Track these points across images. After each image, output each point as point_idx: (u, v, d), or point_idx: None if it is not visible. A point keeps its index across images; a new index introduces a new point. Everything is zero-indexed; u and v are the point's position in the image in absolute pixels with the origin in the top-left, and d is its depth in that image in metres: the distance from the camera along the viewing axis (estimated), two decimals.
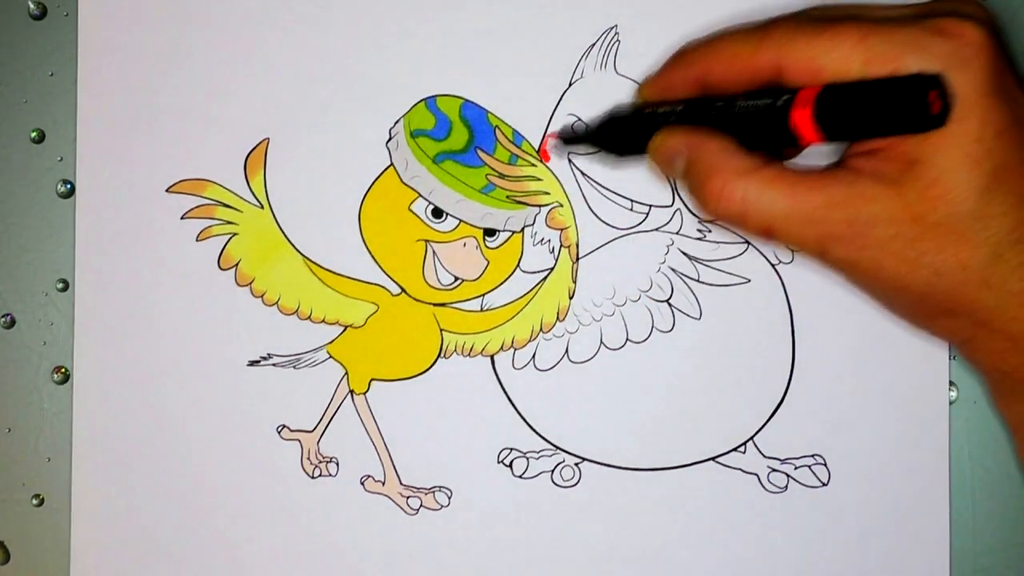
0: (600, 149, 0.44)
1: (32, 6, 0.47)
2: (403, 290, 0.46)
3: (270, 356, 0.46)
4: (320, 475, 0.46)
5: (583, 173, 0.46)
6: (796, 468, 0.46)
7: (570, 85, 0.46)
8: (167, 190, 0.46)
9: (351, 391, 0.46)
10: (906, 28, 0.34)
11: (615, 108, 0.44)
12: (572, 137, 0.45)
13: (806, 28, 0.35)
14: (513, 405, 0.46)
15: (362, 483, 0.46)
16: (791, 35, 0.36)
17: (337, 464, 0.46)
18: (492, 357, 0.46)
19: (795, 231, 0.36)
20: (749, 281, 0.46)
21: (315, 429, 0.46)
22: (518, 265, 0.46)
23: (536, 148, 0.46)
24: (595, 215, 0.46)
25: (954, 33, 0.34)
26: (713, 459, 0.46)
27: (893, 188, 0.35)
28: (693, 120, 0.38)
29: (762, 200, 0.36)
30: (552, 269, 0.46)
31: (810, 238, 0.36)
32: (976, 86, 0.34)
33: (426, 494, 0.46)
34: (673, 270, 0.46)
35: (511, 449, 0.46)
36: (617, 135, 0.42)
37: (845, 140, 0.36)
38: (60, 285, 0.47)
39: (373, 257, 0.46)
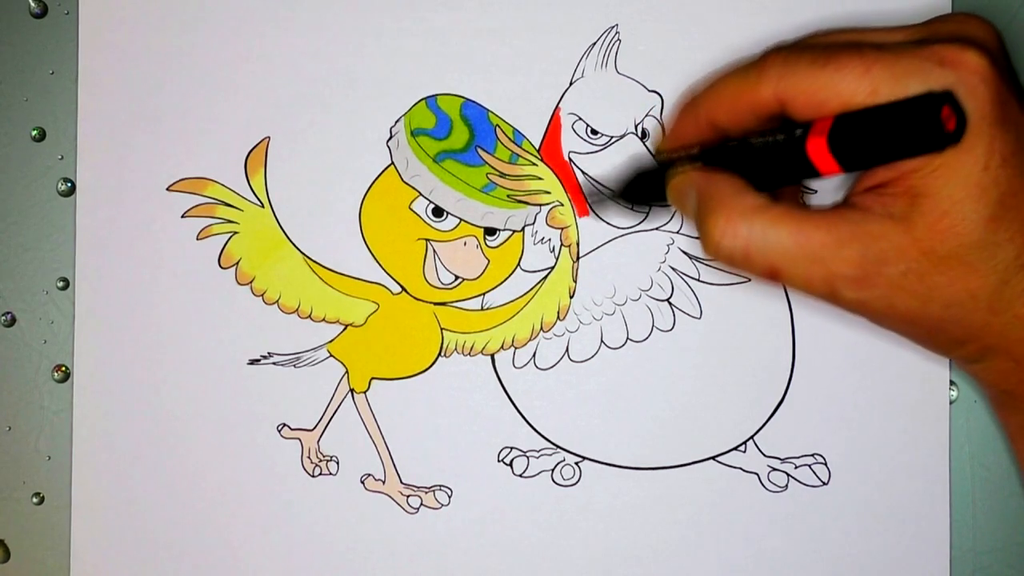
0: (628, 204, 0.44)
1: (33, 4, 0.47)
2: (403, 289, 0.46)
3: (270, 355, 0.46)
4: (320, 474, 0.46)
5: (583, 173, 0.46)
6: (796, 467, 0.46)
7: (571, 84, 0.46)
8: (167, 189, 0.46)
9: (351, 390, 0.46)
10: (909, 57, 0.34)
11: (638, 165, 0.44)
12: (599, 197, 0.45)
13: (806, 60, 0.35)
14: (513, 404, 0.46)
15: (362, 482, 0.46)
16: (791, 68, 0.35)
17: (337, 463, 0.46)
18: (492, 356, 0.46)
19: (801, 271, 0.35)
20: (749, 281, 0.46)
21: (315, 428, 0.46)
22: (518, 264, 0.46)
23: (536, 147, 0.46)
24: (596, 214, 0.46)
25: (957, 62, 0.34)
26: (713, 458, 0.46)
27: (902, 224, 0.34)
28: (709, 162, 0.38)
29: (768, 238, 0.35)
30: (552, 268, 0.46)
31: (817, 278, 0.35)
32: (981, 115, 0.33)
33: (426, 493, 0.46)
34: (673, 269, 0.46)
35: (511, 448, 0.46)
36: (641, 189, 0.42)
37: (862, 168, 0.35)
38: (60, 283, 0.47)
39: (373, 256, 0.46)
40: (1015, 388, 0.37)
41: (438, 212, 0.46)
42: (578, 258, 0.46)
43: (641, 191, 0.43)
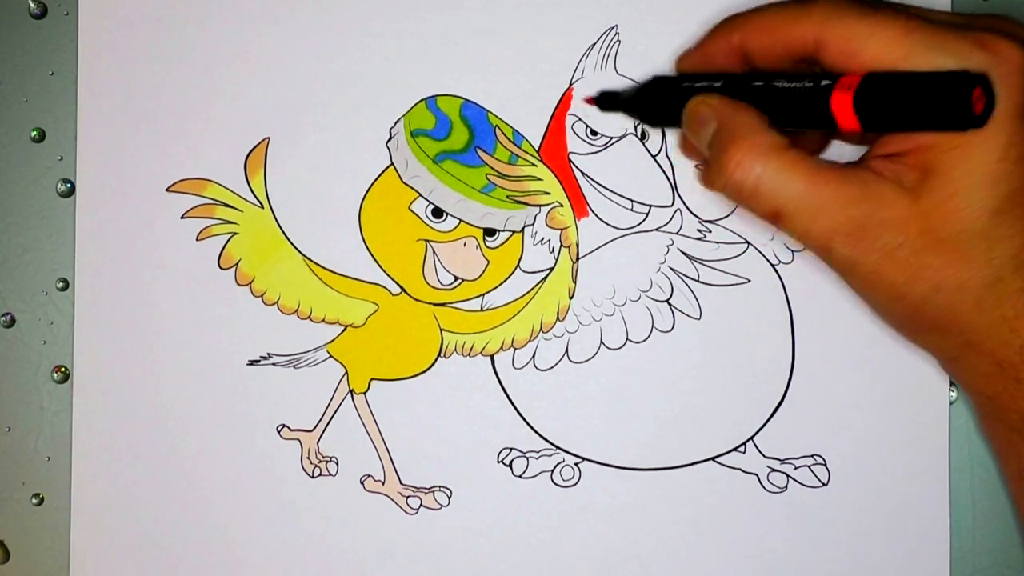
0: (634, 116, 0.44)
1: (33, 5, 0.47)
2: (403, 290, 0.46)
3: (270, 355, 0.46)
4: (320, 474, 0.46)
5: (583, 173, 0.46)
6: (796, 468, 0.46)
7: (570, 85, 0.46)
8: (167, 189, 0.46)
9: (351, 390, 0.46)
10: (950, 33, 0.34)
11: (655, 76, 0.44)
12: (608, 102, 0.44)
13: (852, 8, 0.35)
14: (513, 405, 0.46)
15: (362, 483, 0.46)
16: (836, 12, 0.35)
17: (337, 463, 0.46)
18: (492, 357, 0.46)
19: (804, 220, 0.35)
20: (749, 281, 0.46)
21: (315, 428, 0.46)
22: (518, 265, 0.46)
23: (536, 148, 0.46)
24: (595, 215, 0.46)
25: (995, 49, 0.34)
26: (713, 459, 0.46)
27: (909, 196, 0.34)
28: (731, 95, 0.38)
29: (778, 181, 0.35)
30: (552, 269, 0.46)
31: (817, 230, 0.35)
32: (1008, 106, 0.34)
33: (426, 494, 0.46)
34: (673, 270, 0.46)
35: (511, 449, 0.46)
36: (654, 103, 0.42)
37: (882, 131, 0.36)
38: (60, 284, 0.47)
39: (373, 257, 0.46)
40: (998, 395, 0.37)
41: (438, 213, 0.46)
42: (578, 259, 0.46)
43: (654, 103, 0.42)
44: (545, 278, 0.46)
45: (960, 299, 0.35)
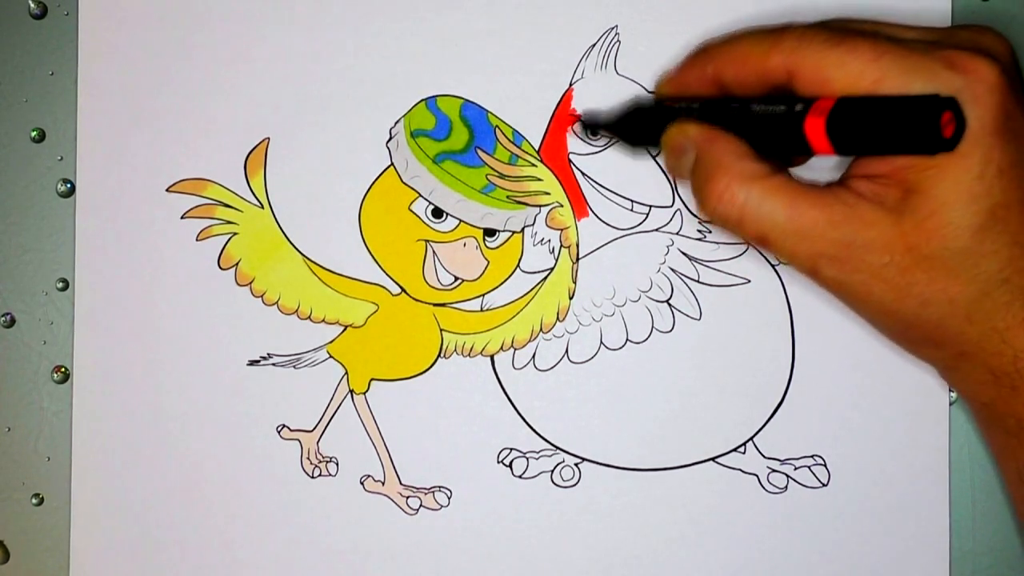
0: (616, 138, 0.44)
1: (32, 5, 0.47)
2: (403, 290, 0.46)
3: (270, 356, 0.46)
4: (320, 475, 0.46)
5: (583, 173, 0.46)
6: (796, 469, 0.46)
7: (570, 85, 0.46)
8: (167, 190, 0.46)
9: (351, 391, 0.46)
10: (920, 55, 0.34)
11: (637, 99, 0.44)
12: (592, 123, 0.45)
13: (821, 37, 0.35)
14: (513, 405, 0.46)
15: (362, 483, 0.46)
16: (806, 42, 0.36)
17: (337, 464, 0.46)
18: (492, 357, 0.46)
19: (789, 244, 0.36)
20: (749, 281, 0.46)
21: (315, 429, 0.46)
22: (518, 265, 0.46)
23: (536, 148, 0.46)
24: (595, 215, 0.46)
25: (967, 68, 0.34)
26: (713, 459, 0.46)
27: (892, 216, 0.35)
28: (709, 119, 0.38)
29: (762, 208, 0.36)
30: (552, 269, 0.46)
31: (803, 253, 0.36)
32: (983, 124, 0.34)
33: (426, 494, 0.46)
34: (673, 270, 0.46)
35: (511, 449, 0.46)
36: (636, 125, 0.42)
37: (855, 154, 0.36)
38: (60, 284, 0.46)
39: (373, 257, 0.46)
40: (994, 402, 0.37)
41: (438, 213, 0.46)
42: (578, 259, 0.46)
43: (635, 128, 0.42)
44: (545, 278, 0.46)
45: (951, 312, 0.35)
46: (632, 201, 0.46)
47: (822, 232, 0.35)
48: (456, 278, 0.46)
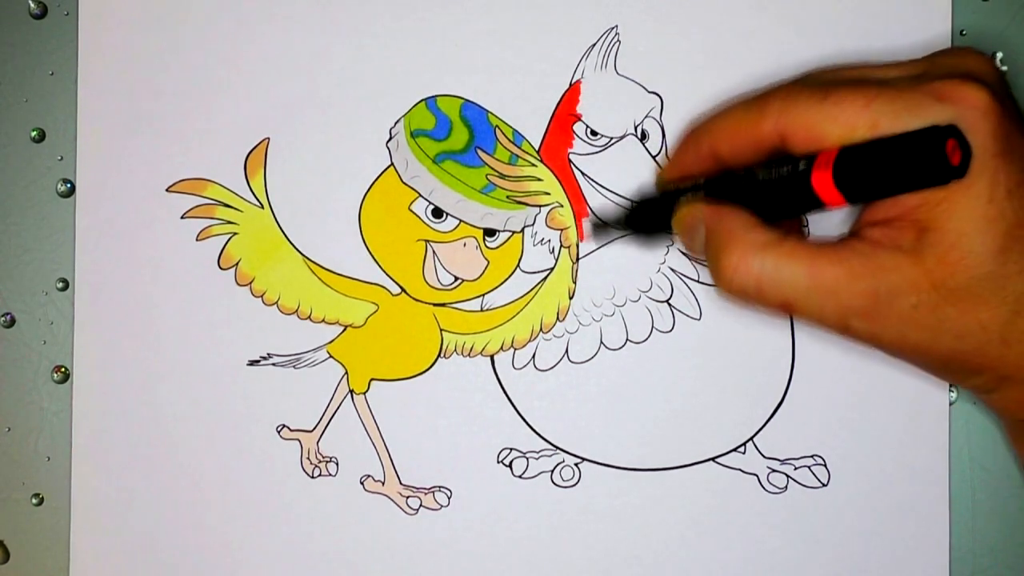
0: (631, 232, 0.45)
1: (33, 5, 0.47)
2: (403, 290, 0.46)
3: (270, 356, 0.46)
4: (320, 475, 0.46)
5: (583, 173, 0.46)
6: (796, 468, 0.46)
7: (570, 85, 0.46)
8: (167, 190, 0.46)
9: (351, 391, 0.46)
10: (909, 93, 0.34)
11: (641, 193, 0.45)
12: (602, 224, 0.45)
13: (805, 95, 0.35)
14: (513, 405, 0.46)
15: (362, 483, 0.46)
16: (790, 103, 0.35)
17: (337, 464, 0.46)
18: (492, 357, 0.46)
19: (815, 305, 0.35)
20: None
21: (315, 429, 0.46)
22: (518, 265, 0.46)
23: (536, 148, 0.46)
24: (595, 215, 0.46)
25: (957, 98, 0.34)
26: (713, 459, 0.46)
27: (911, 257, 0.34)
28: (716, 194, 0.38)
29: (780, 274, 0.35)
30: (552, 269, 0.46)
31: (830, 311, 0.35)
32: (984, 148, 0.33)
33: (426, 494, 0.46)
34: (673, 270, 0.46)
35: (511, 449, 0.46)
36: (646, 217, 0.43)
37: (867, 200, 0.35)
38: (60, 284, 0.47)
39: (373, 257, 0.46)
40: None
41: (438, 213, 0.46)
42: (578, 259, 0.46)
43: (645, 220, 0.43)
44: (545, 278, 0.46)
45: (986, 339, 0.35)
46: (632, 201, 0.46)
47: (845, 286, 0.35)
48: (456, 278, 0.46)
